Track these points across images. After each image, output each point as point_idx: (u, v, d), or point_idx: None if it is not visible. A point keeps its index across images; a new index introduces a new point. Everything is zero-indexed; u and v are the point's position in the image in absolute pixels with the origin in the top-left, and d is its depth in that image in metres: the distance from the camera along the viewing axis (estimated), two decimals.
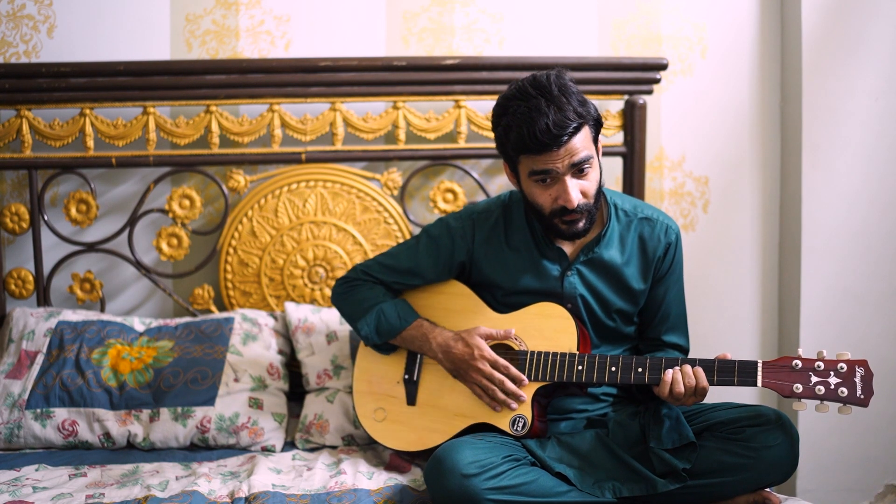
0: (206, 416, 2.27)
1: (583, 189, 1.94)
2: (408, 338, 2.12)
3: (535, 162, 1.91)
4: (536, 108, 1.86)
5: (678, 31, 2.85)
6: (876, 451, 2.80)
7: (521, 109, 1.88)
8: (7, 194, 2.70)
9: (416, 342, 2.11)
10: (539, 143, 1.87)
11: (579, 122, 1.88)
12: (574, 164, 1.90)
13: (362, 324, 2.14)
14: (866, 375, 1.77)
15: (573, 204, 1.91)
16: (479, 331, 2.05)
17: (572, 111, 1.87)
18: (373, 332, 2.14)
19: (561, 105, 1.87)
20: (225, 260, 2.68)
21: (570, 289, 2.07)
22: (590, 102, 1.95)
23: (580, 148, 1.90)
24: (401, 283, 2.19)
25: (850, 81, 2.72)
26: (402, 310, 2.14)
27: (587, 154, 1.91)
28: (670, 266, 2.10)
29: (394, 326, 2.12)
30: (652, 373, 1.91)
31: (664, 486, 1.84)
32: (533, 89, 1.90)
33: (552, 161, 1.89)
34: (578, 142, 1.89)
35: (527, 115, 1.87)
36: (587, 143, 1.92)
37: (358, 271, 2.22)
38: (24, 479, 2.02)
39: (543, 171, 1.91)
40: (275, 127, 2.63)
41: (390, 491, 1.96)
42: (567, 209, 1.93)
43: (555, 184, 1.93)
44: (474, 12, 2.78)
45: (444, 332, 2.09)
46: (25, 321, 2.47)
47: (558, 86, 1.89)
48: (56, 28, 2.65)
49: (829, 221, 2.76)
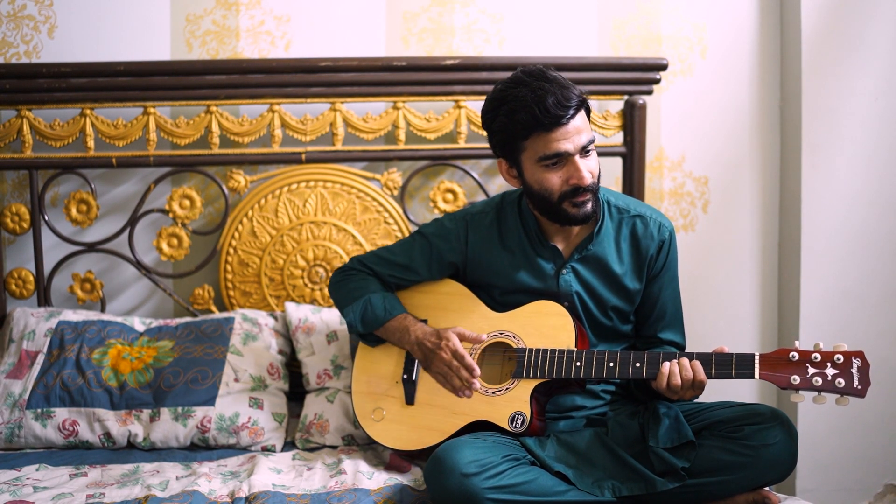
0: (207, 416, 2.27)
1: (591, 169, 1.98)
2: (390, 329, 2.15)
3: (547, 144, 1.93)
4: (540, 88, 1.91)
5: (678, 31, 2.85)
6: (875, 451, 2.80)
7: (524, 92, 1.92)
8: (8, 194, 2.70)
9: (396, 334, 2.14)
10: (552, 116, 1.90)
11: (579, 100, 1.94)
12: (583, 145, 1.94)
13: (348, 310, 2.18)
14: (863, 366, 1.77)
15: (587, 181, 1.94)
16: (455, 329, 2.09)
17: (574, 90, 1.94)
18: (357, 321, 2.16)
19: (560, 83, 1.93)
20: (225, 260, 2.68)
21: (565, 286, 2.07)
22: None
23: (584, 128, 1.95)
24: (396, 276, 2.22)
25: (850, 81, 2.72)
26: (390, 302, 2.16)
27: (591, 135, 1.97)
28: (664, 264, 2.11)
29: (378, 317, 2.14)
30: (650, 368, 1.91)
31: (663, 485, 1.84)
32: (527, 76, 1.95)
33: (563, 140, 1.92)
34: (581, 121, 1.95)
35: (532, 94, 1.91)
36: (588, 126, 1.97)
37: (356, 262, 2.26)
38: (24, 479, 2.02)
39: (555, 154, 1.93)
40: (275, 127, 2.63)
41: (390, 491, 1.96)
42: (579, 188, 1.95)
43: (564, 165, 1.95)
44: (474, 12, 2.79)
45: (424, 327, 2.12)
46: (26, 321, 2.47)
47: (553, 73, 1.96)
48: (57, 28, 2.65)
49: (828, 221, 2.77)
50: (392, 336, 2.15)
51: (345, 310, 2.19)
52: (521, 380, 2.01)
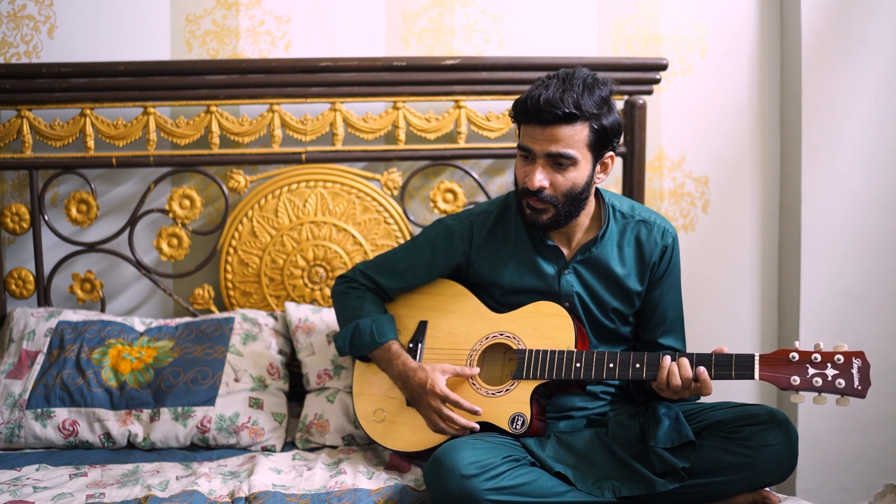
0: (207, 416, 2.27)
1: (554, 182, 1.95)
2: (376, 356, 2.16)
3: (524, 134, 1.96)
4: (545, 84, 1.92)
5: (678, 32, 2.85)
6: (875, 451, 2.80)
7: (542, 80, 1.95)
8: (8, 194, 2.70)
9: (381, 363, 2.16)
10: (527, 112, 1.92)
11: (573, 113, 1.88)
12: (551, 153, 1.92)
13: (338, 336, 2.21)
14: (863, 367, 1.77)
15: (533, 185, 1.94)
16: (444, 367, 2.06)
17: (573, 100, 1.88)
18: (346, 346, 2.19)
19: (566, 89, 1.90)
20: (225, 260, 2.68)
21: (567, 287, 2.07)
22: (609, 113, 1.94)
23: (565, 141, 1.91)
24: (396, 283, 2.21)
25: (850, 82, 2.72)
26: (378, 328, 2.15)
27: (570, 152, 1.92)
28: (667, 269, 2.10)
29: (366, 344, 2.16)
30: (650, 369, 1.91)
31: (663, 486, 1.85)
32: (561, 73, 1.95)
33: (532, 139, 1.94)
34: (566, 133, 1.91)
35: (535, 87, 1.93)
36: (576, 143, 1.92)
37: (357, 272, 2.26)
38: (24, 479, 2.02)
39: (524, 148, 1.96)
40: (275, 127, 2.63)
41: (390, 491, 1.96)
42: (528, 191, 1.96)
43: (530, 164, 1.97)
44: (474, 12, 2.79)
45: (408, 360, 2.11)
46: (26, 321, 2.47)
47: (582, 78, 1.93)
48: (57, 28, 2.65)
49: (828, 221, 2.77)
50: (379, 364, 2.17)
51: (336, 335, 2.22)
52: (521, 381, 2.01)
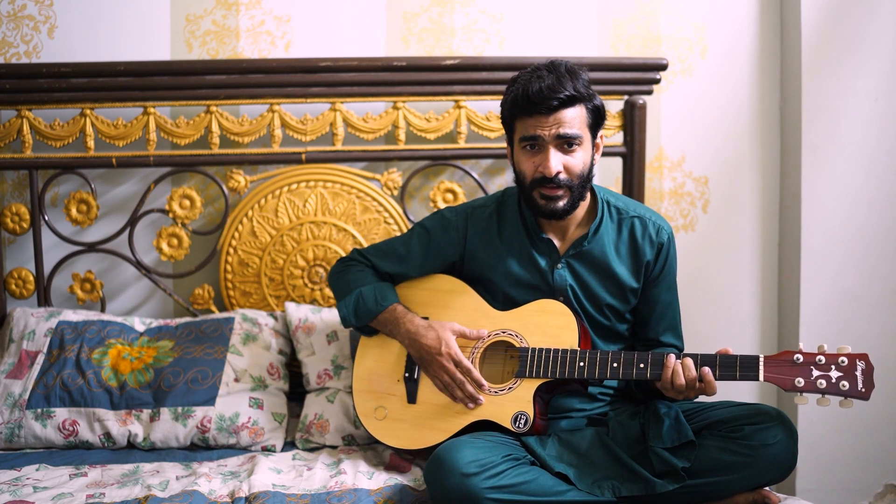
0: (207, 416, 2.27)
1: (567, 164, 1.98)
2: (381, 321, 2.16)
3: (526, 127, 1.98)
4: (538, 76, 1.96)
5: (678, 32, 2.85)
6: (876, 451, 2.80)
7: (525, 76, 1.99)
8: (8, 194, 2.70)
9: (388, 326, 2.15)
10: (530, 104, 1.95)
11: (574, 94, 1.95)
12: (560, 135, 1.95)
13: (341, 305, 2.20)
14: (867, 369, 1.78)
15: (552, 172, 1.95)
16: (453, 327, 2.08)
17: (570, 84, 1.95)
18: (351, 314, 2.18)
19: (559, 76, 1.96)
20: (225, 260, 2.68)
21: (560, 281, 2.08)
22: (596, 94, 2.02)
23: (570, 122, 1.96)
24: (393, 267, 2.22)
25: (850, 82, 2.72)
26: (381, 293, 2.16)
27: (577, 132, 1.97)
28: (663, 268, 2.11)
29: (370, 310, 2.15)
30: (654, 369, 1.91)
31: (662, 487, 1.84)
32: (544, 66, 2.00)
33: (540, 126, 1.96)
34: (569, 115, 1.96)
35: (527, 80, 1.97)
36: (580, 123, 1.98)
37: (356, 253, 2.28)
38: (24, 479, 2.02)
39: (531, 137, 1.97)
40: (275, 127, 2.63)
41: (390, 491, 1.96)
42: (546, 178, 1.96)
43: (539, 153, 1.98)
44: (474, 12, 2.79)
45: (415, 318, 2.12)
46: (26, 321, 2.47)
47: (567, 67, 1.99)
48: (57, 28, 2.65)
49: (828, 221, 2.77)
50: (384, 328, 2.17)
51: (339, 304, 2.20)
52: (523, 379, 2.01)
